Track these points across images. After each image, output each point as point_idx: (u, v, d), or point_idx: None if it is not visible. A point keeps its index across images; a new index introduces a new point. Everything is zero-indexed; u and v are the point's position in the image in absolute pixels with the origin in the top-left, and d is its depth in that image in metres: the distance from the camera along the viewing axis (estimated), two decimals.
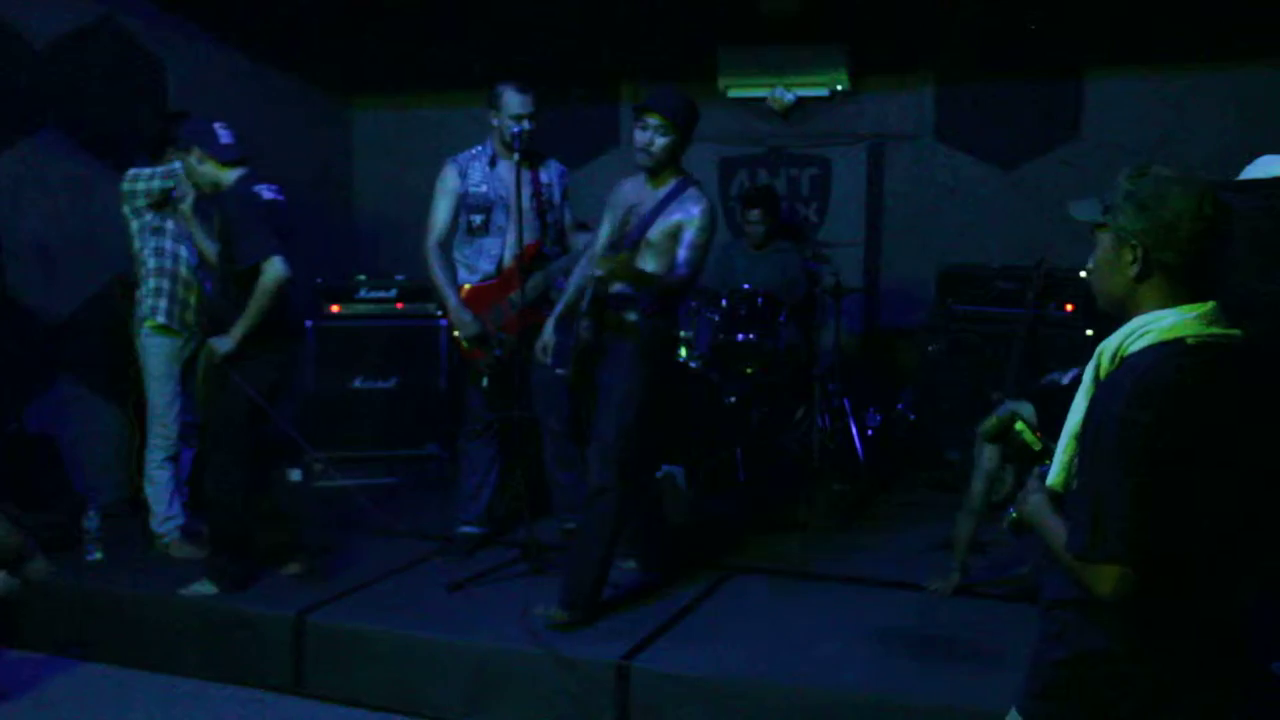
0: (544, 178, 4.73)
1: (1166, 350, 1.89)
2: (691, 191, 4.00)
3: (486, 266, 4.68)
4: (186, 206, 4.63)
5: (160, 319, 4.79)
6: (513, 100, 4.53)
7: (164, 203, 4.80)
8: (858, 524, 5.25)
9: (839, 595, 4.32)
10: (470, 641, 3.88)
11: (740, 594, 4.32)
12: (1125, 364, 1.93)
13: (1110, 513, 1.85)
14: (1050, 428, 2.16)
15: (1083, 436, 1.94)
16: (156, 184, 4.74)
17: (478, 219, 4.66)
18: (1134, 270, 1.94)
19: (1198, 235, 1.91)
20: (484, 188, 4.65)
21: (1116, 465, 1.85)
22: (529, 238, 4.59)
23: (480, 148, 4.72)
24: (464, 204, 4.67)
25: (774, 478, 5.88)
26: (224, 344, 4.25)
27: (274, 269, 4.17)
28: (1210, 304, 1.93)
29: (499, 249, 4.65)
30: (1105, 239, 2.00)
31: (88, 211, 5.50)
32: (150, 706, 4.03)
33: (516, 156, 4.41)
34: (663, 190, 4.00)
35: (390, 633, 3.99)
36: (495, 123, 4.58)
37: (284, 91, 6.82)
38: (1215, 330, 1.91)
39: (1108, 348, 1.96)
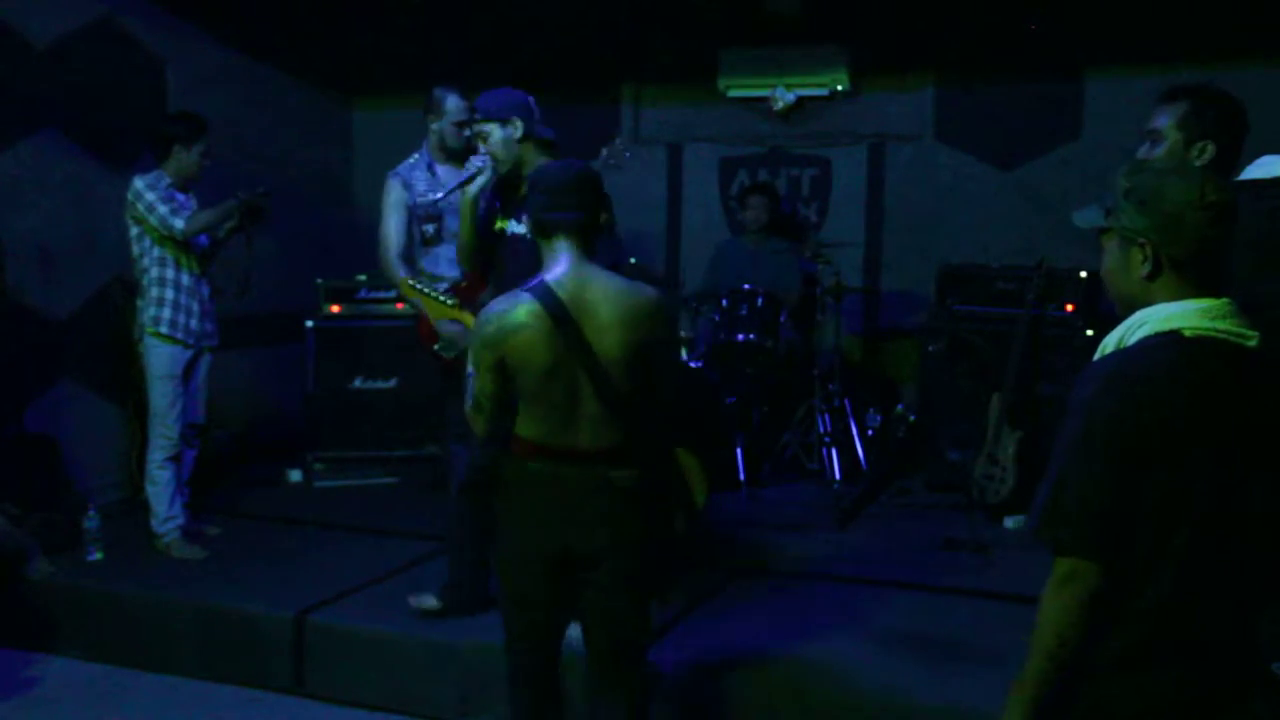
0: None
1: (1156, 341, 1.83)
2: None
3: (452, 273, 4.52)
4: (475, 189, 3.81)
5: (163, 329, 4.80)
6: (454, 105, 4.50)
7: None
8: (858, 524, 5.25)
9: (840, 595, 4.32)
10: (469, 641, 3.88)
11: (741, 594, 4.32)
12: (1111, 353, 1.88)
13: (1067, 501, 1.79)
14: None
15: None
16: (155, 219, 4.72)
17: (430, 228, 4.56)
18: (1145, 270, 1.87)
19: (1204, 224, 1.83)
20: (430, 196, 4.54)
21: (1078, 452, 1.79)
22: None
23: (417, 156, 4.62)
24: (414, 216, 4.55)
25: (774, 478, 5.89)
26: None
27: None
28: (1222, 300, 1.86)
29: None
30: (1112, 243, 1.93)
31: (88, 211, 5.50)
32: (150, 706, 4.04)
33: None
34: None
35: (390, 633, 3.99)
36: (434, 127, 4.53)
37: (284, 91, 6.83)
38: (1221, 326, 1.83)
39: (1109, 342, 1.91)
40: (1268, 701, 1.87)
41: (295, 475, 6.17)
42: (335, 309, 6.17)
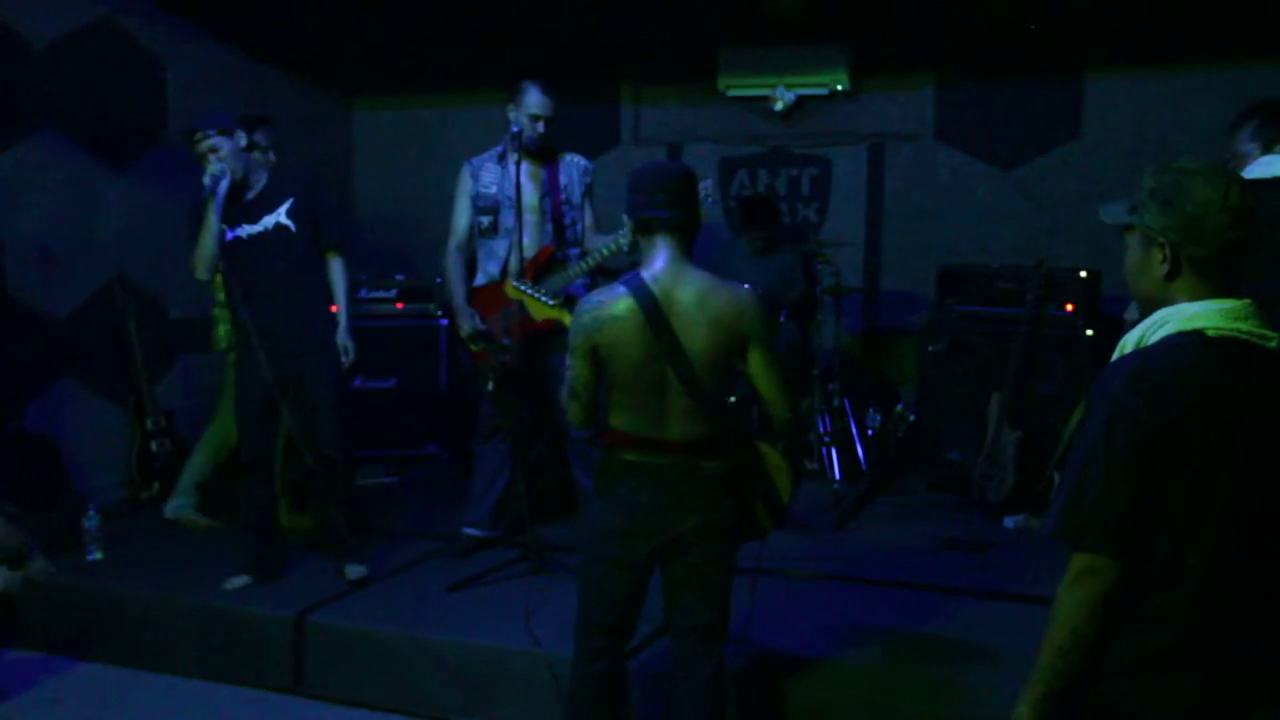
0: (562, 178, 4.63)
1: (1179, 340, 1.82)
2: None
3: (492, 269, 4.61)
4: (221, 191, 4.17)
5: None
6: (533, 99, 4.49)
7: None
8: (858, 524, 5.25)
9: (840, 595, 4.32)
10: (470, 641, 3.88)
11: (739, 594, 4.30)
12: (1134, 351, 1.87)
13: (1086, 498, 1.79)
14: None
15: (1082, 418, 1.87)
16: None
17: (485, 220, 4.60)
18: (1164, 269, 1.86)
19: (1225, 227, 1.82)
20: (493, 189, 4.59)
21: (1099, 451, 1.78)
22: (542, 241, 4.55)
23: (498, 147, 4.65)
24: (475, 206, 4.62)
25: None
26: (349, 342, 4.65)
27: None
28: (1244, 301, 1.85)
29: (505, 251, 4.55)
30: (1133, 240, 1.92)
31: (88, 211, 5.51)
32: (150, 706, 4.04)
33: (516, 155, 4.38)
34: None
35: (390, 633, 3.99)
36: (512, 116, 4.51)
37: (284, 91, 6.82)
38: (1244, 327, 1.83)
39: (1128, 341, 1.90)
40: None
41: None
42: (334, 309, 6.15)
